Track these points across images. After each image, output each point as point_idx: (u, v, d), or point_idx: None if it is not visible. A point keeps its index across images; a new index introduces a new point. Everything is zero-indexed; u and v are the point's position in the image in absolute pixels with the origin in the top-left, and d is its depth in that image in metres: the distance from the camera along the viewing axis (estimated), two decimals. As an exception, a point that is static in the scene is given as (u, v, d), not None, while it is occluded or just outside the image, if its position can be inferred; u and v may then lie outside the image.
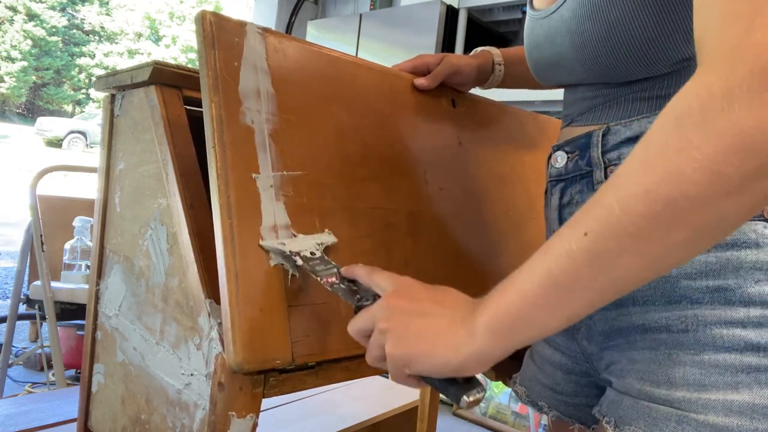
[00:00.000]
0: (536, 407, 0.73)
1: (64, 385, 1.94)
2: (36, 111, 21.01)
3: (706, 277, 0.51)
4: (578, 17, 0.58)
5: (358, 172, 0.72)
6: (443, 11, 2.71)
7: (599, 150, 0.59)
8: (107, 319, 0.87)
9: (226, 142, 0.60)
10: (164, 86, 0.78)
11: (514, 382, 0.78)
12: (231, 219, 0.58)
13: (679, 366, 0.52)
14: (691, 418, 0.49)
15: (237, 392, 0.60)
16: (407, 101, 0.83)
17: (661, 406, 0.51)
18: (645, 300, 0.55)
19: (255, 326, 0.57)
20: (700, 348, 0.51)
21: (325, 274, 0.58)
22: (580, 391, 0.68)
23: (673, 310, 0.53)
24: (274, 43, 0.67)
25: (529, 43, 0.70)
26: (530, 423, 2.19)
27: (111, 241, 0.88)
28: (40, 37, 20.22)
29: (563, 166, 0.65)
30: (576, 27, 0.58)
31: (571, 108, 0.68)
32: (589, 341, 0.63)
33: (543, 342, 0.73)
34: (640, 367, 0.55)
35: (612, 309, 0.58)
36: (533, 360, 0.75)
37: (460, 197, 0.86)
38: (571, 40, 0.60)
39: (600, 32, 0.56)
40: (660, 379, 0.52)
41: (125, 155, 0.85)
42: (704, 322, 0.51)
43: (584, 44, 0.58)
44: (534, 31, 0.68)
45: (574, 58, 0.61)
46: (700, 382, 0.50)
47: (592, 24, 0.56)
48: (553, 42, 0.64)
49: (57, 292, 1.98)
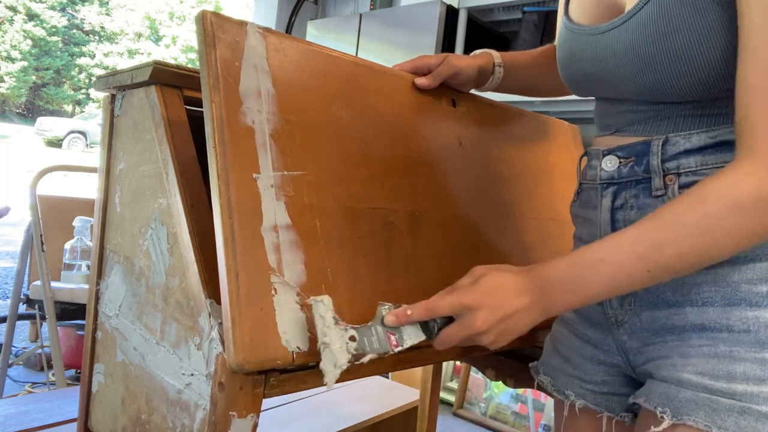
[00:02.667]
0: (563, 396, 0.76)
1: (64, 385, 1.94)
2: (36, 111, 21.00)
3: (766, 283, 0.57)
4: (642, 41, 0.60)
5: (358, 172, 0.72)
6: (443, 11, 2.70)
7: (659, 158, 0.63)
8: (107, 319, 0.86)
9: (226, 142, 0.60)
10: (164, 86, 0.77)
11: (537, 372, 0.81)
12: (231, 219, 0.58)
13: (739, 362, 0.56)
14: (753, 410, 0.54)
15: (237, 392, 0.60)
16: (407, 101, 0.83)
17: (722, 398, 0.56)
18: (704, 302, 0.60)
19: (255, 326, 0.57)
20: (761, 346, 0.56)
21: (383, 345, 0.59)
22: (609, 380, 0.72)
23: (733, 311, 0.58)
24: (274, 42, 0.67)
25: (568, 55, 0.72)
26: (530, 423, 2.19)
27: (111, 241, 0.87)
28: (40, 37, 20.21)
29: (615, 170, 0.68)
30: (637, 51, 0.61)
31: (615, 119, 0.70)
32: (630, 336, 0.67)
33: (570, 334, 0.77)
34: (696, 361, 0.59)
35: (664, 308, 0.63)
36: (558, 351, 0.78)
37: (460, 197, 0.86)
38: (630, 63, 0.62)
39: (665, 59, 0.59)
40: (720, 373, 0.57)
41: (125, 155, 0.85)
42: (765, 323, 0.56)
43: (645, 69, 0.61)
44: (575, 45, 0.70)
45: (628, 79, 0.64)
46: (760, 377, 0.55)
47: (657, 50, 0.59)
48: (604, 60, 0.66)
49: (57, 292, 1.98)
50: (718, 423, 0.55)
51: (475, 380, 2.38)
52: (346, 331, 0.57)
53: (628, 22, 0.61)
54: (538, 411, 2.20)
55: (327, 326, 0.56)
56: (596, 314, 0.72)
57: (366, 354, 0.57)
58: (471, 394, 2.39)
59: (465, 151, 0.89)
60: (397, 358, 0.72)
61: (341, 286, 0.66)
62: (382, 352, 0.58)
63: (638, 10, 0.60)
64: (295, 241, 0.62)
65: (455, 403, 2.39)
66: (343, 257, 0.66)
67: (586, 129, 1.09)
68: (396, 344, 0.59)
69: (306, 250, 0.63)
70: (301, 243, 0.63)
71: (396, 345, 0.59)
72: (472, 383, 2.39)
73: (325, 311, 0.57)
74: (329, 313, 0.57)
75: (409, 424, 1.58)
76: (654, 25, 0.59)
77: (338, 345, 0.56)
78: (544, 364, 0.80)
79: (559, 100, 2.14)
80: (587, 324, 0.74)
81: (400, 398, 1.67)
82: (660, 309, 0.64)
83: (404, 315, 0.60)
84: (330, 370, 0.55)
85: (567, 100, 2.08)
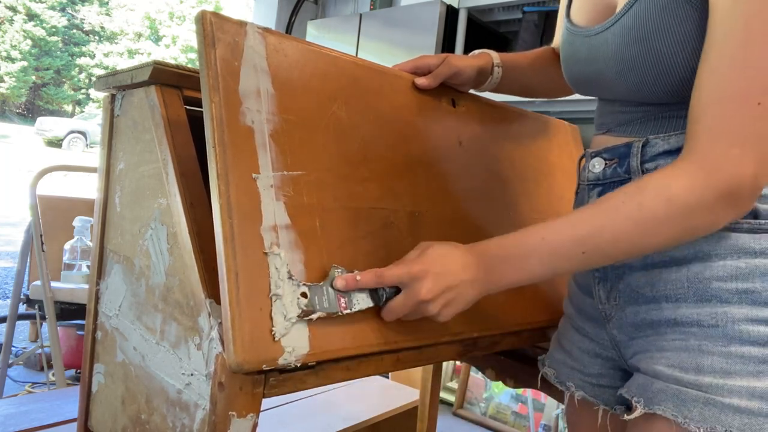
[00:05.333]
0: (564, 387, 0.80)
1: (64, 385, 1.94)
2: (36, 111, 21.00)
3: (736, 280, 0.59)
4: (625, 43, 0.63)
5: (358, 172, 0.72)
6: (443, 11, 2.70)
7: (638, 160, 0.66)
8: (107, 319, 0.86)
9: (226, 142, 0.60)
10: (164, 86, 0.77)
11: (543, 364, 0.84)
12: (231, 219, 0.58)
13: (707, 356, 0.59)
14: (717, 401, 0.57)
15: (237, 392, 0.60)
16: (407, 101, 0.83)
17: (689, 389, 0.58)
18: (677, 297, 0.63)
19: (255, 326, 0.57)
20: (728, 341, 0.58)
21: (333, 306, 0.61)
22: (606, 373, 0.75)
23: (704, 307, 0.60)
24: (274, 43, 0.67)
25: (569, 56, 0.75)
26: (530, 423, 2.19)
27: (111, 241, 0.88)
28: (40, 37, 20.21)
29: (601, 171, 0.71)
30: (621, 53, 0.64)
31: (608, 118, 0.73)
32: (619, 330, 0.70)
33: (572, 329, 0.80)
34: (669, 355, 0.62)
35: (643, 303, 0.66)
36: (561, 345, 0.81)
37: (460, 197, 0.86)
38: (615, 64, 0.65)
39: (646, 60, 0.62)
40: (689, 366, 0.60)
41: (125, 155, 0.85)
42: (733, 318, 0.58)
43: (630, 69, 0.64)
44: (574, 46, 0.73)
45: (616, 80, 0.66)
46: (726, 370, 0.57)
47: (639, 51, 0.62)
48: (595, 61, 0.68)
49: (57, 292, 1.97)
50: (684, 413, 0.58)
51: (475, 380, 2.39)
52: (298, 287, 0.60)
53: (615, 25, 0.64)
54: (538, 411, 2.20)
55: (281, 279, 0.59)
56: (589, 307, 0.76)
57: (315, 311, 0.60)
58: (471, 394, 2.39)
59: (465, 151, 0.89)
60: (397, 357, 0.72)
61: (341, 286, 0.66)
62: (331, 311, 0.61)
63: (623, 14, 0.63)
64: (295, 241, 0.62)
65: (455, 403, 2.39)
66: (343, 257, 0.66)
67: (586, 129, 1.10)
68: (345, 307, 0.62)
69: (306, 250, 0.63)
70: (300, 243, 0.63)
71: (345, 308, 0.62)
72: (472, 383, 2.39)
73: (280, 265, 0.60)
74: (284, 267, 0.60)
75: (409, 424, 1.58)
76: (636, 28, 0.61)
77: (289, 299, 0.59)
78: (549, 357, 0.84)
79: (559, 100, 2.14)
80: (584, 318, 0.77)
81: (400, 398, 1.67)
82: (640, 304, 0.67)
83: (353, 280, 0.62)
84: (279, 321, 0.58)
85: (567, 100, 2.09)
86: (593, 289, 0.73)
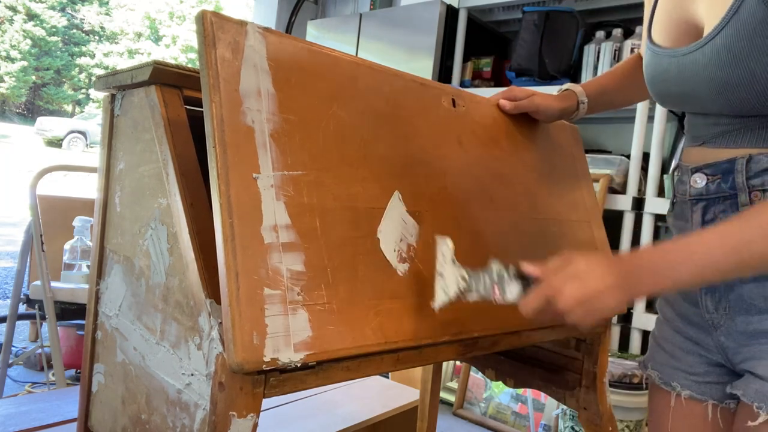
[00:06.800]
0: (669, 387, 0.82)
1: (64, 385, 1.93)
2: (36, 111, 21.00)
3: None
4: (719, 65, 0.65)
5: (358, 172, 0.72)
6: (443, 11, 2.70)
7: (744, 176, 0.68)
8: (107, 319, 0.86)
9: (226, 142, 0.60)
10: (164, 86, 0.77)
11: (645, 367, 0.87)
12: (231, 218, 0.58)
13: None
14: None
15: (237, 392, 0.60)
16: (407, 101, 0.83)
17: None
18: None
19: (255, 326, 0.57)
20: None
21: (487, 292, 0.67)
22: (711, 371, 0.78)
23: None
24: (274, 42, 0.67)
25: (655, 75, 0.77)
26: (530, 423, 2.19)
27: (111, 241, 0.87)
28: (40, 37, 20.21)
29: (704, 187, 0.73)
30: (715, 74, 0.66)
31: (702, 131, 0.75)
32: (727, 338, 0.73)
33: (672, 331, 0.83)
34: None
35: (756, 314, 0.69)
36: (662, 347, 0.84)
37: (460, 197, 0.86)
38: (709, 84, 0.67)
39: (742, 81, 0.63)
40: None
41: (125, 155, 0.85)
42: None
43: (725, 89, 0.65)
44: (660, 66, 0.75)
45: (710, 98, 0.68)
46: None
47: (733, 72, 0.64)
48: (686, 81, 0.70)
49: (57, 292, 1.97)
50: None
51: (475, 380, 2.38)
52: (459, 270, 0.68)
53: (705, 47, 0.66)
54: (538, 411, 2.20)
55: (445, 261, 0.68)
56: (694, 315, 0.78)
57: (471, 292, 0.67)
58: (471, 394, 2.39)
59: (465, 151, 0.89)
60: (397, 357, 0.72)
61: (341, 286, 0.66)
62: (485, 296, 0.67)
63: (713, 36, 0.64)
64: (295, 241, 0.62)
65: (455, 403, 2.39)
66: (343, 257, 0.67)
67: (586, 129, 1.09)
68: (498, 295, 0.66)
69: (306, 249, 0.63)
70: (301, 243, 0.63)
71: (498, 296, 0.66)
72: (472, 383, 2.39)
73: (447, 250, 0.68)
74: (449, 252, 0.68)
75: (409, 424, 1.58)
76: (728, 50, 0.63)
77: (451, 279, 0.67)
78: (650, 359, 0.86)
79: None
80: (687, 323, 0.79)
81: (400, 398, 1.67)
82: (752, 314, 0.70)
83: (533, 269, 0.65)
84: (440, 295, 0.68)
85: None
86: (699, 299, 0.76)
